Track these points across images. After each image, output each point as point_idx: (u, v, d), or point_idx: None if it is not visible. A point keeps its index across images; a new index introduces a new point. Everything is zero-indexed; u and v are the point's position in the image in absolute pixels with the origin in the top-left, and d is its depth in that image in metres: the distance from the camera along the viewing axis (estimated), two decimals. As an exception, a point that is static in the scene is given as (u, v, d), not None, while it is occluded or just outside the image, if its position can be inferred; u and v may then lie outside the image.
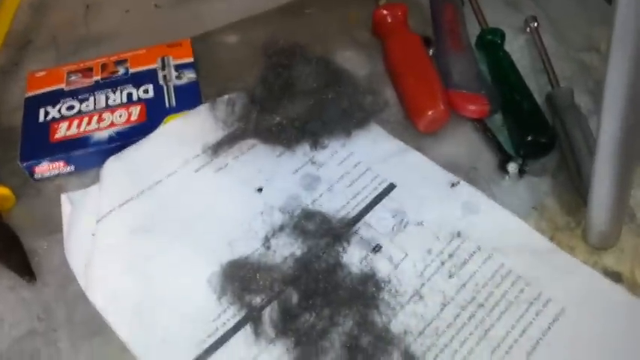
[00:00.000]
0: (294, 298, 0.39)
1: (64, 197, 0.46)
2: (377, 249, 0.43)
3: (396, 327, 0.39)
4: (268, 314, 0.40)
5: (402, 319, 0.40)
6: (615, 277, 0.42)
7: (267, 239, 0.43)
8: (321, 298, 0.39)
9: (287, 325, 0.39)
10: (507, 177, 0.48)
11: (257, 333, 0.39)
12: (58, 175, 0.50)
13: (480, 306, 0.40)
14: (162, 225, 0.44)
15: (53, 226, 0.46)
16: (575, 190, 0.46)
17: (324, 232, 0.42)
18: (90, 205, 0.45)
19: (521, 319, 0.39)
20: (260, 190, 0.47)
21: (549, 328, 0.39)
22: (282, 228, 0.44)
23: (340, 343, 0.38)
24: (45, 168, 0.48)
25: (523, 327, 0.39)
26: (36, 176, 0.49)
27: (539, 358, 0.38)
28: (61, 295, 0.43)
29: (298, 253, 0.42)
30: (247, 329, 0.40)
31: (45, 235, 0.46)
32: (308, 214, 0.43)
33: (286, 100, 0.49)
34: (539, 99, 0.52)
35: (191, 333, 0.39)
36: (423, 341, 0.39)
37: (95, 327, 0.41)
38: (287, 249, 0.42)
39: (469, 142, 0.51)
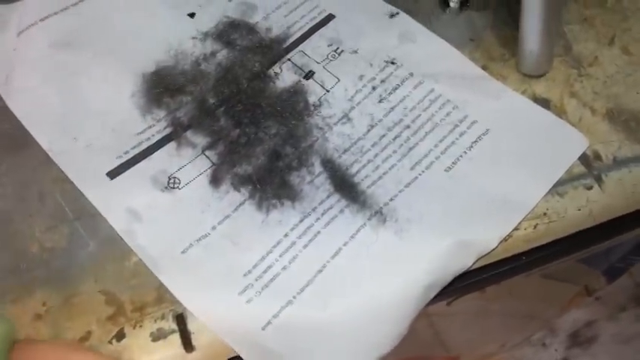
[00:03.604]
0: (220, 110, 0.39)
1: (-19, 7, 0.44)
2: (309, 75, 0.43)
3: (321, 145, 0.39)
4: (193, 131, 0.40)
5: (329, 138, 0.40)
6: (544, 103, 0.42)
7: (196, 64, 0.42)
8: (247, 109, 0.39)
9: (212, 138, 0.39)
10: (448, 10, 0.46)
11: (180, 148, 0.39)
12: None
13: (407, 127, 0.41)
14: (86, 41, 0.43)
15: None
16: (513, 23, 0.44)
17: (253, 45, 0.41)
18: (13, 19, 0.43)
19: (445, 138, 0.40)
20: (192, 15, 0.45)
21: (472, 146, 0.39)
22: (213, 55, 0.43)
23: (264, 153, 0.38)
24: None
25: (446, 146, 0.40)
26: (-42, -3, 0.46)
27: (459, 171, 0.38)
28: (-17, 111, 0.43)
29: (225, 63, 0.41)
30: (172, 145, 0.40)
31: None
32: (233, 24, 0.42)
33: None
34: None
35: (115, 144, 0.39)
36: (348, 158, 0.39)
37: (18, 141, 0.40)
38: (212, 66, 0.41)
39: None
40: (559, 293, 0.67)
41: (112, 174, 0.38)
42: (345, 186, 0.37)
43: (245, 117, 0.38)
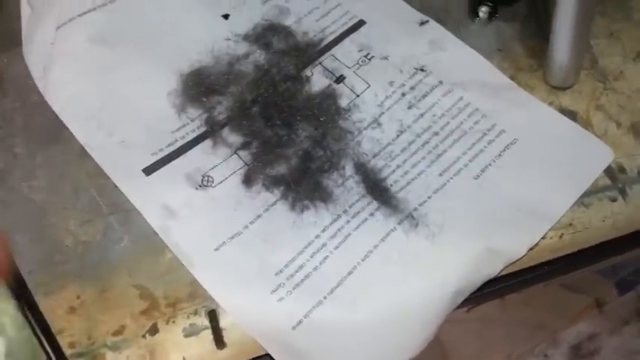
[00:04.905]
0: (254, 110, 0.40)
1: (23, 0, 0.45)
2: (340, 79, 0.44)
3: (352, 148, 0.40)
4: (228, 130, 0.41)
5: (360, 142, 0.41)
6: (570, 115, 0.42)
7: (230, 64, 0.43)
8: (281, 111, 0.39)
9: (246, 138, 0.40)
10: (477, 20, 0.47)
11: (216, 147, 0.40)
12: (19, -8, 0.48)
13: (435, 134, 0.41)
14: (123, 38, 0.44)
15: (15, 42, 0.45)
16: (541, 34, 0.45)
17: (289, 48, 0.42)
18: (50, 12, 0.44)
19: (473, 146, 0.41)
20: (226, 17, 0.46)
21: (500, 155, 0.40)
22: (246, 56, 0.44)
23: (296, 155, 0.39)
24: (4, -20, 0.47)
25: (474, 153, 0.40)
26: (-5, -9, 0.47)
27: (487, 179, 0.39)
28: (19, 105, 0.43)
29: (261, 65, 0.42)
30: (206, 144, 0.40)
31: (5, 50, 0.45)
32: (272, 27, 0.43)
33: None
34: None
35: (150, 140, 0.40)
36: (377, 162, 0.40)
37: (53, 135, 0.41)
38: (250, 67, 0.42)
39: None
40: (571, 304, 0.68)
41: (148, 170, 0.39)
42: (378, 189, 0.38)
43: (279, 119, 0.39)
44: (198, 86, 0.40)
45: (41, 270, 0.37)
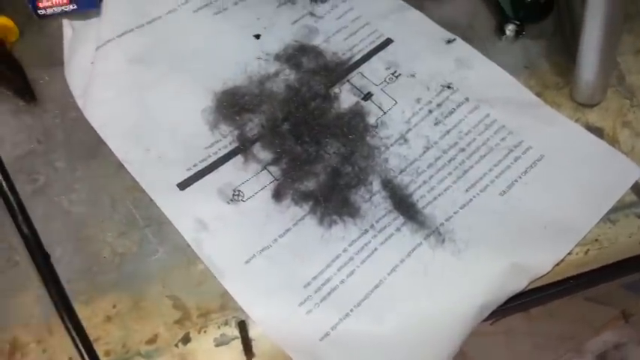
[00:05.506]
0: (285, 128, 0.41)
1: (65, 22, 0.47)
2: (368, 96, 0.45)
3: (380, 165, 0.41)
4: (259, 146, 0.42)
5: (387, 158, 0.42)
6: (597, 132, 0.43)
7: (261, 83, 0.45)
8: (311, 128, 0.41)
9: (276, 154, 0.41)
10: (504, 38, 0.48)
11: (247, 163, 0.41)
12: (61, 13, 0.50)
13: (461, 150, 0.42)
14: (159, 58, 0.45)
15: (54, 61, 0.48)
16: (568, 52, 0.46)
17: (319, 68, 0.43)
18: (90, 33, 0.46)
19: (499, 163, 0.41)
20: (258, 36, 0.48)
21: (526, 171, 0.41)
22: (276, 74, 0.45)
23: (325, 171, 0.40)
24: (48, 3, 0.49)
25: (501, 170, 0.41)
26: (40, 12, 0.49)
27: (513, 196, 0.40)
28: (60, 121, 0.45)
29: (292, 84, 0.43)
30: (238, 159, 0.42)
31: (46, 68, 0.47)
32: (302, 48, 0.44)
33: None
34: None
35: (184, 156, 0.41)
36: (403, 178, 0.41)
37: (92, 150, 0.43)
38: (280, 86, 0.44)
39: (469, 3, 0.51)
40: (597, 316, 0.68)
41: (182, 185, 0.40)
42: (404, 205, 0.38)
43: (308, 136, 0.40)
44: (233, 106, 0.41)
45: (80, 280, 0.38)
